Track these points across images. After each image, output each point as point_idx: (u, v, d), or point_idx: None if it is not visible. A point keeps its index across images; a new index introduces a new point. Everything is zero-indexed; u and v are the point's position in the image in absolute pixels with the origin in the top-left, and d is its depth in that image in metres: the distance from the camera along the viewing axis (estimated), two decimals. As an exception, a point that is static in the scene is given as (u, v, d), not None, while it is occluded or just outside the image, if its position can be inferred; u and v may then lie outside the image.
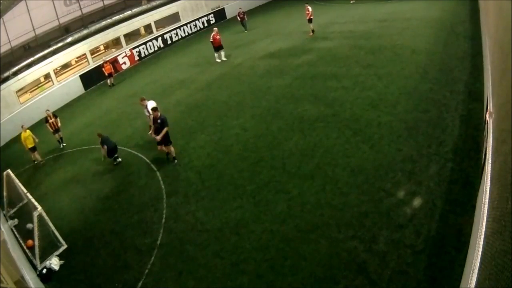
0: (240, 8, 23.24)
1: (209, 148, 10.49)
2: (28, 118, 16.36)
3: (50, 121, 13.07)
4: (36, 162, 12.67)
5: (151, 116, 10.29)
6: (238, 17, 22.61)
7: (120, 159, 11.10)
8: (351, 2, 23.19)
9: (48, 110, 13.36)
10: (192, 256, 6.97)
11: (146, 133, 12.37)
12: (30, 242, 8.22)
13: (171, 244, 7.43)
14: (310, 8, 18.26)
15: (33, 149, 12.46)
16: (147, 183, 9.68)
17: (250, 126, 11.04)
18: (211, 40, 17.69)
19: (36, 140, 12.50)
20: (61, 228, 8.48)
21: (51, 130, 13.23)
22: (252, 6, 28.27)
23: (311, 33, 18.45)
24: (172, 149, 10.16)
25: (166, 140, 9.98)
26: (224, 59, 17.89)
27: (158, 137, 9.74)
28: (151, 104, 10.67)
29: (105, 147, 10.81)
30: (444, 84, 10.51)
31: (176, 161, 10.20)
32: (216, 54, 17.95)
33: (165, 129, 9.72)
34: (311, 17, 18.35)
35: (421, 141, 8.35)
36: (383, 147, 8.49)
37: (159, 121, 9.74)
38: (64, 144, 13.36)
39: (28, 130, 12.48)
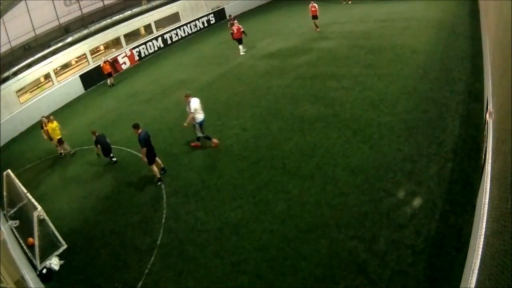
0: (230, 15, 23.08)
1: (209, 148, 10.48)
2: (28, 118, 16.37)
3: (45, 128, 12.33)
4: (63, 153, 12.49)
5: (193, 115, 9.84)
6: (228, 24, 21.15)
7: (115, 159, 11.07)
8: (344, 3, 23.14)
9: (43, 117, 12.71)
10: (192, 256, 6.97)
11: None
12: (31, 240, 8.22)
13: (171, 244, 7.43)
14: (316, 5, 18.33)
15: (61, 141, 12.23)
16: (147, 183, 9.67)
17: (250, 126, 11.04)
18: (242, 30, 17.79)
19: (64, 131, 12.42)
20: (61, 228, 8.49)
21: (45, 137, 12.47)
22: (252, 6, 28.27)
23: (317, 29, 18.58)
24: (155, 169, 9.36)
25: (149, 159, 9.17)
26: (244, 50, 18.10)
27: (144, 159, 9.12)
28: (194, 102, 9.94)
29: (99, 146, 10.76)
30: (444, 84, 10.51)
31: (159, 183, 9.39)
32: (241, 47, 18.04)
33: (143, 150, 8.97)
34: (317, 14, 18.48)
35: (421, 141, 8.36)
36: (383, 147, 8.50)
37: (140, 139, 8.88)
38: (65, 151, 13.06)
39: (55, 121, 12.14)
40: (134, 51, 21.71)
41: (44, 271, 7.52)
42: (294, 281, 5.91)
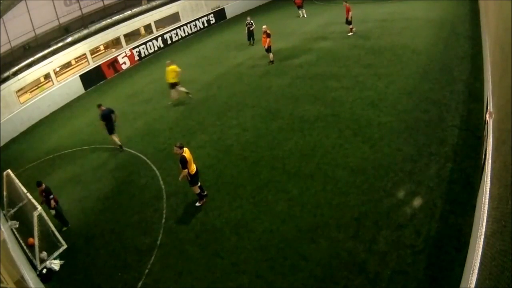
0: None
1: (209, 148, 10.48)
2: (28, 118, 16.37)
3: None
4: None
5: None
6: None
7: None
8: (301, 16, 22.43)
9: None
10: (192, 256, 6.97)
11: (146, 133, 12.40)
12: (31, 240, 8.21)
13: (171, 244, 7.44)
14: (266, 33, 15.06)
15: None
16: (147, 183, 9.68)
17: (250, 126, 11.04)
18: None
19: None
20: (62, 228, 8.48)
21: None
22: (252, 6, 28.25)
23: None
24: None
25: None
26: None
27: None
28: None
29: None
30: (444, 84, 10.51)
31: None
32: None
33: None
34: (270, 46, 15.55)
35: (421, 141, 8.36)
36: (383, 147, 8.49)
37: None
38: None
39: None
40: (134, 51, 21.70)
41: (44, 271, 7.52)
42: (294, 281, 5.91)
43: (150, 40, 22.64)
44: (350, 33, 16.82)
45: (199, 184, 8.18)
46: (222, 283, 6.24)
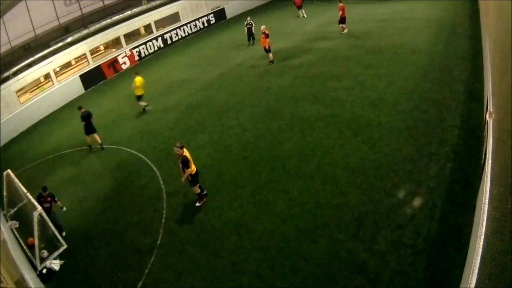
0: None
1: (209, 148, 10.48)
2: (28, 118, 16.36)
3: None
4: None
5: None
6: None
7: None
8: (301, 16, 22.50)
9: None
10: (192, 256, 6.97)
11: (146, 133, 12.39)
12: (31, 240, 8.21)
13: (171, 244, 7.44)
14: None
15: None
16: (147, 183, 9.68)
17: (250, 126, 11.04)
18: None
19: None
20: (62, 228, 8.47)
21: None
22: (252, 6, 28.24)
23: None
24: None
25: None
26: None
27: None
28: None
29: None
30: (444, 84, 10.52)
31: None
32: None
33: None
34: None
35: (421, 141, 8.36)
36: (383, 147, 8.50)
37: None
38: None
39: None
40: (134, 51, 21.69)
41: (44, 271, 7.52)
42: (294, 281, 5.91)
43: (150, 40, 22.63)
44: (345, 30, 17.02)
45: (199, 184, 8.19)
46: (222, 283, 6.24)
